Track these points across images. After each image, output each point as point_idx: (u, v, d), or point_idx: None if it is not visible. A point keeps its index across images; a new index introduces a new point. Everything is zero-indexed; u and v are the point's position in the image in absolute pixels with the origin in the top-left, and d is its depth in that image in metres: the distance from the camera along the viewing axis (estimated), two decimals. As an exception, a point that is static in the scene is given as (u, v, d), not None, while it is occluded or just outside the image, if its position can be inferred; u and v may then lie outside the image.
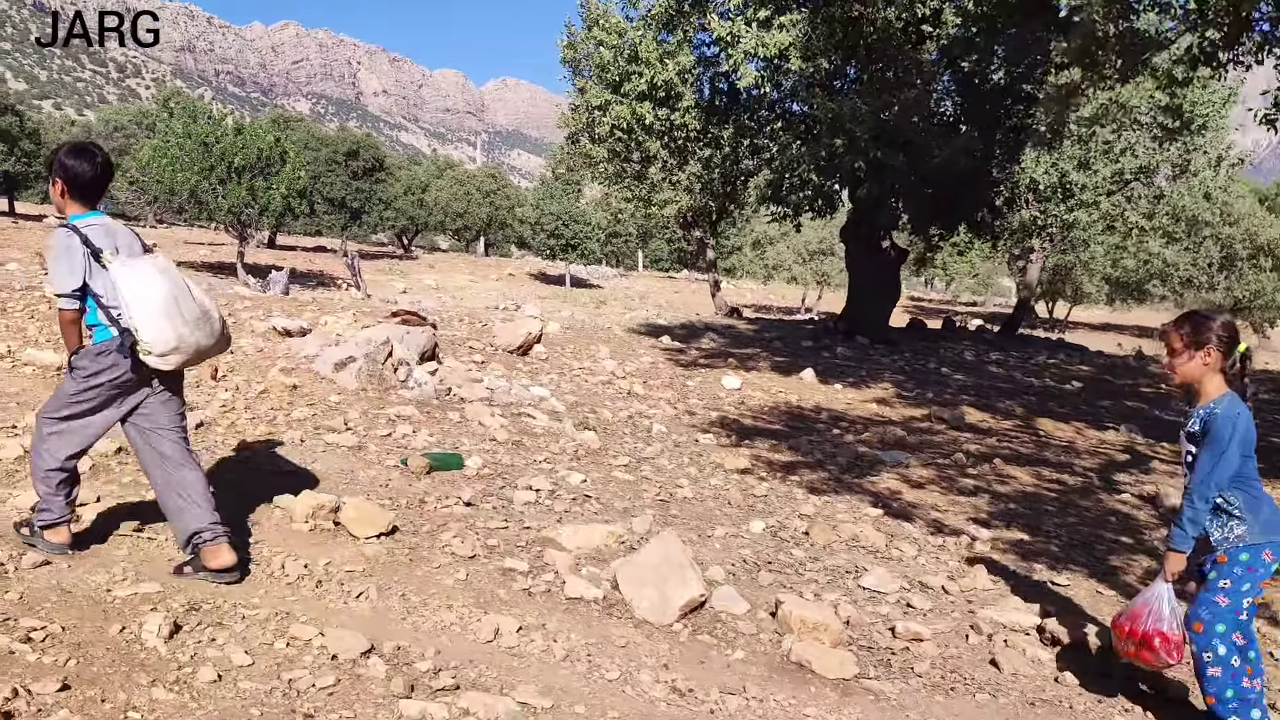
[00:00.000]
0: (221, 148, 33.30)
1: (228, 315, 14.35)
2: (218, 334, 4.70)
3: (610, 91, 19.48)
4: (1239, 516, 3.86)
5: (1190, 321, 3.93)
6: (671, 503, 6.80)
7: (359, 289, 34.47)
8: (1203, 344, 3.86)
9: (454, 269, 49.66)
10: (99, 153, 4.65)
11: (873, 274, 19.00)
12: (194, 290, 4.60)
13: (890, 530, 6.58)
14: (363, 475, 6.58)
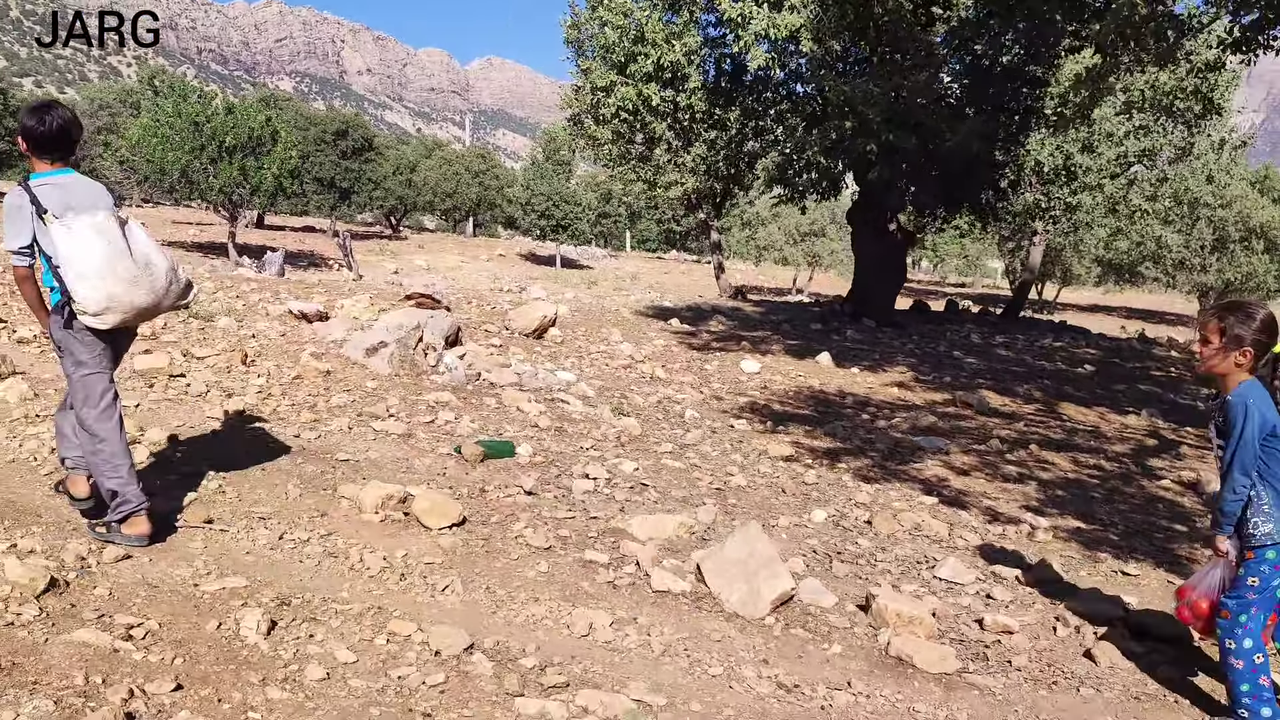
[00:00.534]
0: (212, 127, 32.97)
1: (235, 297, 14.26)
2: (161, 290, 4.63)
3: (616, 72, 19.33)
4: (1267, 513, 3.82)
5: (1234, 316, 3.82)
6: (727, 491, 6.76)
7: (351, 269, 34.25)
8: (1240, 345, 3.80)
9: (444, 249, 49.38)
10: (54, 109, 4.62)
11: (879, 256, 18.95)
12: (136, 248, 4.54)
13: (948, 519, 6.56)
14: (418, 464, 6.50)
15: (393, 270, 42.25)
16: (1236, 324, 3.79)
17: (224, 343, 10.08)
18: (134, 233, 4.61)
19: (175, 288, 4.71)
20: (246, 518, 5.23)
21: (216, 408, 7.26)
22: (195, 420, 6.90)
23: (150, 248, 4.62)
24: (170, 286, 4.68)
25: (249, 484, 5.72)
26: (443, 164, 54.28)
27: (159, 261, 4.61)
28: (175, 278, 4.69)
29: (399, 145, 62.19)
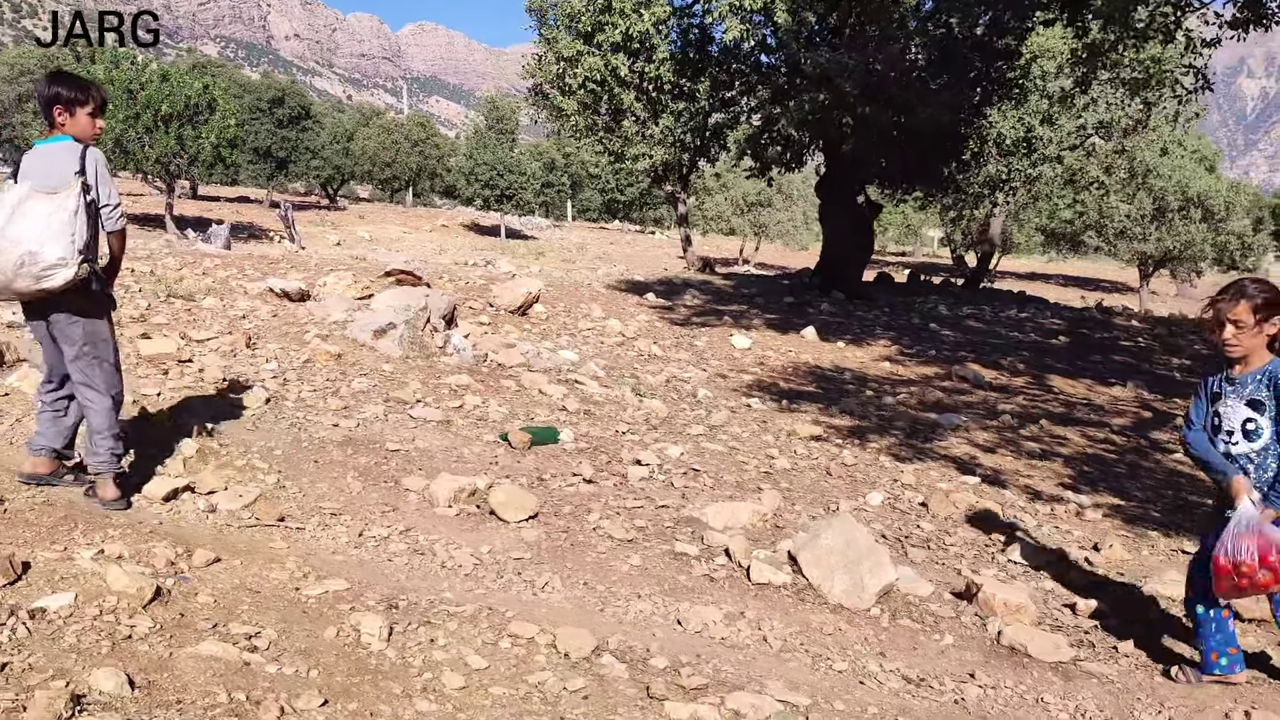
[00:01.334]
0: (147, 95, 32.01)
1: (201, 274, 13.89)
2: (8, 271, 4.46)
3: (582, 42, 19.08)
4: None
5: (1262, 293, 3.84)
6: (776, 475, 6.72)
7: (293, 241, 33.67)
8: (1270, 315, 3.82)
9: (385, 220, 48.65)
10: (46, 80, 4.78)
11: (848, 229, 19.01)
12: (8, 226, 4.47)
13: (996, 499, 6.60)
14: (467, 452, 6.37)
15: (335, 242, 41.56)
16: (1265, 298, 3.82)
17: (217, 324, 9.82)
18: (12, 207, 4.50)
19: (27, 270, 4.47)
20: (317, 514, 5.08)
21: (240, 395, 7.05)
22: (224, 409, 6.68)
23: (20, 230, 4.45)
24: (20, 269, 4.46)
25: (306, 478, 5.56)
26: (381, 133, 53.35)
27: (22, 245, 4.44)
28: (31, 261, 4.45)
29: (335, 113, 60.98)
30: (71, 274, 4.54)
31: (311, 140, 49.05)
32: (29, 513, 4.58)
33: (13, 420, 6.03)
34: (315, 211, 48.34)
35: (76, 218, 4.56)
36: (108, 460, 4.83)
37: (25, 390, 6.62)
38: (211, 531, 4.75)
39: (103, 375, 4.83)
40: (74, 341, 4.80)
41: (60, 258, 4.52)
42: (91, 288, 4.71)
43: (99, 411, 4.85)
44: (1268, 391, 3.85)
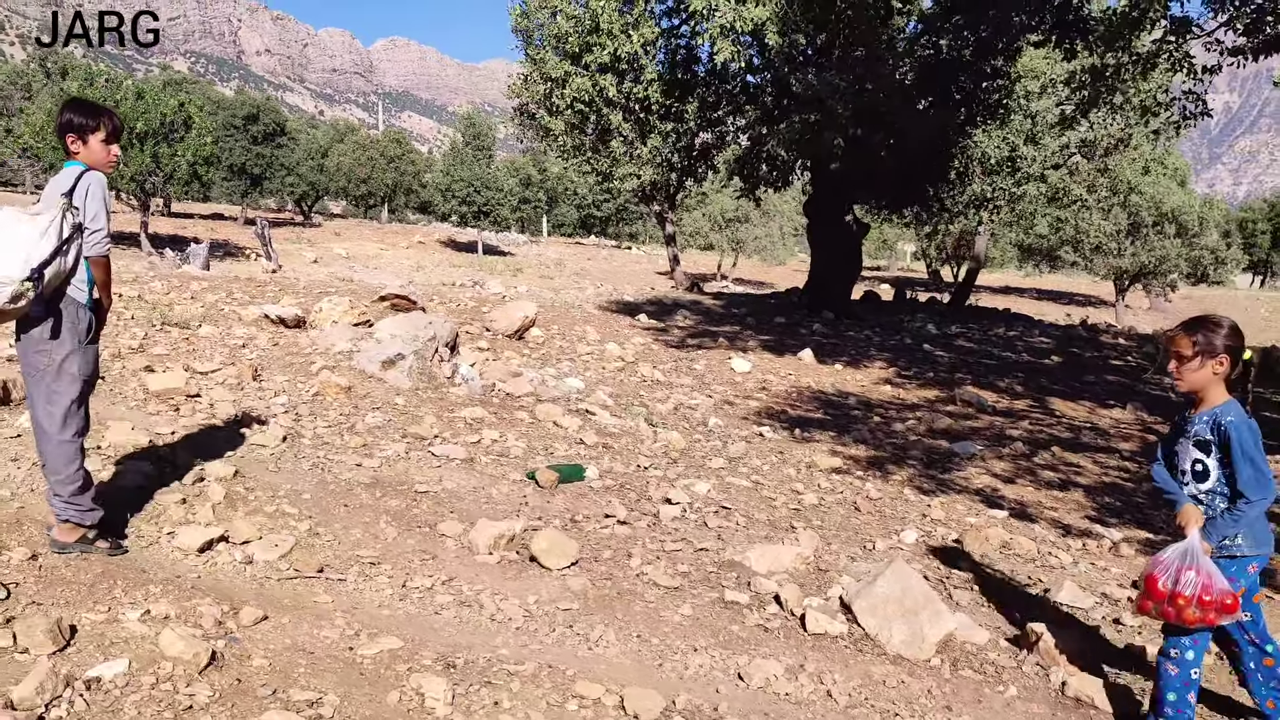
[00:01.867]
0: (122, 113, 31.64)
1: (190, 299, 13.71)
2: None
3: (570, 63, 19.04)
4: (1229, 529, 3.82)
5: (1202, 328, 3.82)
6: (805, 511, 6.65)
7: (270, 259, 33.44)
8: (1215, 353, 3.78)
9: (361, 237, 48.38)
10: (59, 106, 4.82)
11: (837, 249, 19.05)
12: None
13: (1028, 534, 6.54)
14: (495, 492, 6.26)
15: (312, 259, 41.30)
16: (1206, 334, 3.79)
17: (219, 355, 9.67)
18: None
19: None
20: (356, 563, 4.96)
21: (255, 432, 6.91)
22: (242, 448, 6.55)
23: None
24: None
25: (339, 523, 5.43)
26: (357, 149, 53.09)
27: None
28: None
29: (309, 130, 60.64)
30: (11, 291, 4.39)
31: (286, 157, 48.74)
32: (65, 569, 4.44)
33: (29, 464, 5.86)
34: (290, 228, 48.03)
35: (43, 238, 4.43)
36: (63, 509, 4.65)
37: (37, 431, 6.46)
38: (253, 585, 4.62)
39: (58, 411, 4.64)
40: (28, 369, 4.68)
41: (8, 275, 4.37)
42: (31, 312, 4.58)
43: (49, 451, 4.67)
44: (1212, 435, 3.81)
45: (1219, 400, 3.83)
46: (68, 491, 4.68)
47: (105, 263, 4.75)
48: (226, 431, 6.89)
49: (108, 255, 4.76)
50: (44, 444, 4.70)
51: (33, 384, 4.70)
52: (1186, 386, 3.89)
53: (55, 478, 4.68)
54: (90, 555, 4.67)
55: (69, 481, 4.69)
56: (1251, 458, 3.70)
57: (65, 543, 4.67)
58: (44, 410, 4.67)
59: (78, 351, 4.71)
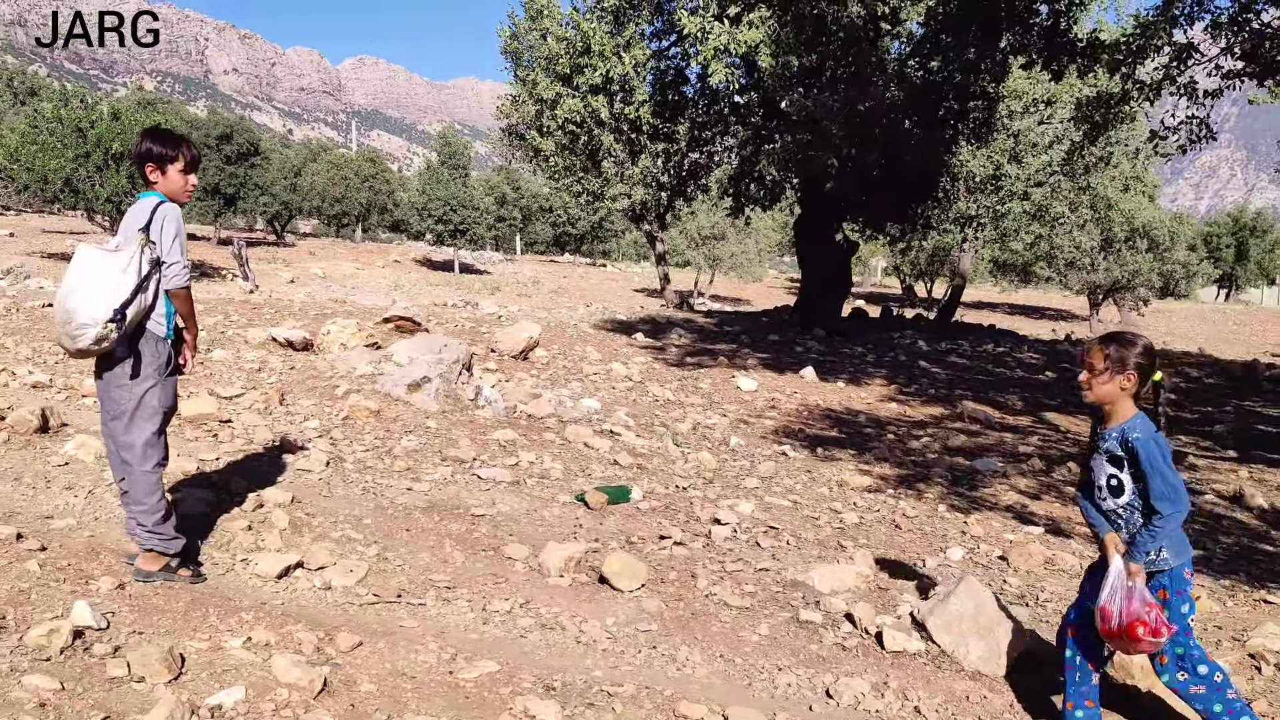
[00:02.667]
0: (97, 133, 31.52)
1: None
2: (63, 335, 4.53)
3: (562, 84, 19.19)
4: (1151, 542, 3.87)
5: (1116, 343, 3.92)
6: (849, 530, 6.76)
7: (246, 279, 33.28)
8: (1124, 369, 3.86)
9: (336, 256, 48.23)
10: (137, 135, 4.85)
11: (827, 267, 19.26)
12: (64, 282, 4.52)
13: (1063, 549, 6.68)
14: (548, 515, 6.34)
15: (288, 279, 41.13)
16: (1119, 349, 3.88)
17: (239, 379, 9.68)
18: (74, 261, 4.55)
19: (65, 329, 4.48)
20: (432, 588, 5.02)
21: (298, 458, 6.95)
22: (289, 474, 6.59)
23: (69, 286, 4.48)
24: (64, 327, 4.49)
25: (404, 547, 5.49)
26: (331, 168, 52.95)
27: (64, 303, 4.47)
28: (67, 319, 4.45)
29: (281, 149, 60.39)
30: (95, 334, 4.45)
31: (260, 176, 48.52)
32: (154, 597, 4.47)
33: (85, 492, 5.89)
34: (265, 248, 47.82)
35: (124, 275, 4.49)
36: (146, 538, 4.71)
37: (84, 459, 6.48)
38: (337, 611, 4.67)
39: (139, 443, 4.69)
40: (108, 403, 4.74)
41: (92, 317, 4.43)
42: (115, 352, 4.59)
43: (132, 483, 4.73)
44: (1122, 450, 3.88)
45: (1127, 415, 3.90)
46: (151, 521, 4.72)
47: (186, 294, 4.79)
48: (268, 457, 6.92)
49: (188, 287, 4.81)
50: (126, 476, 4.74)
51: (113, 418, 4.74)
52: (1093, 398, 3.96)
53: (138, 508, 4.72)
54: (174, 583, 4.70)
55: (152, 511, 4.73)
56: (1161, 471, 3.76)
57: (150, 571, 4.71)
58: (125, 443, 4.72)
59: (159, 385, 4.76)
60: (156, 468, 4.76)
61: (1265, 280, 65.31)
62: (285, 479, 6.48)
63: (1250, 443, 11.67)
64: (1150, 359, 3.89)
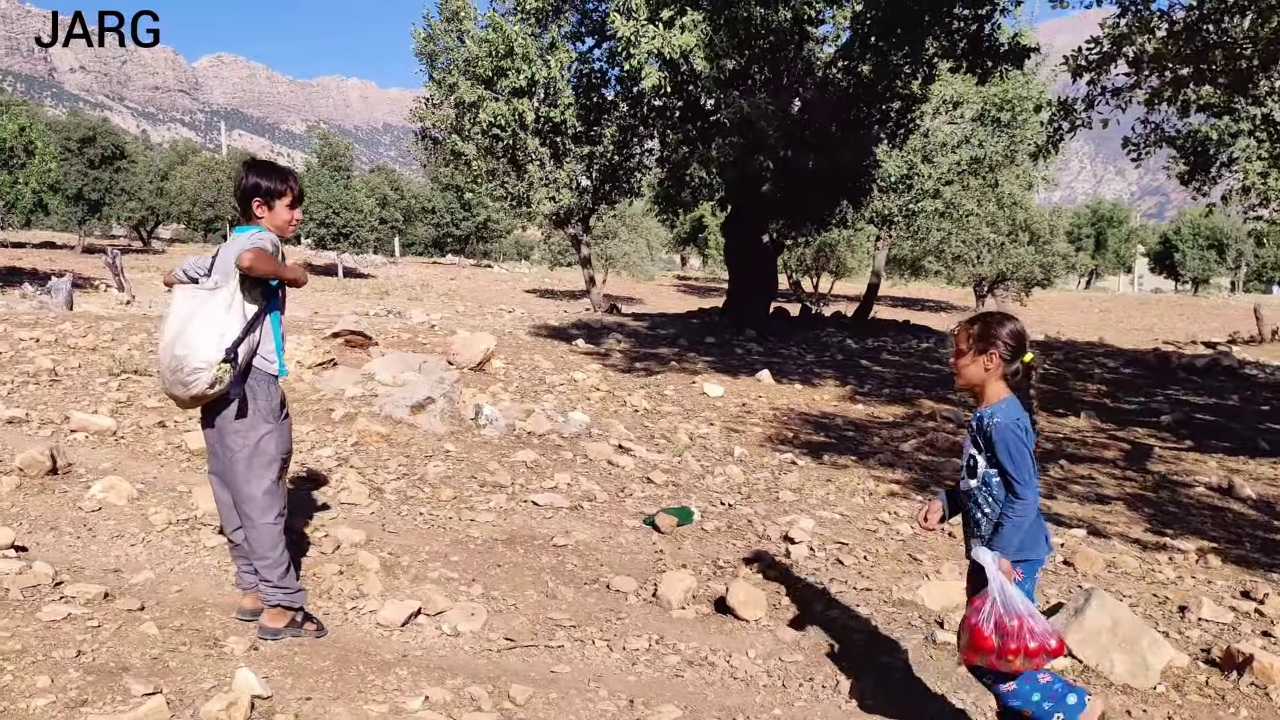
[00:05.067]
0: (-43, 138, 29.79)
1: (111, 340, 13.00)
2: (168, 378, 4.26)
3: (483, 87, 18.84)
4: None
5: (980, 323, 3.85)
6: (911, 542, 6.76)
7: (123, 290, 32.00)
8: (987, 348, 3.75)
9: (212, 263, 46.50)
10: (240, 168, 4.58)
11: (755, 268, 19.42)
12: (166, 327, 4.28)
13: (1112, 551, 6.81)
14: (624, 541, 6.19)
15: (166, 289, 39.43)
16: (983, 328, 3.79)
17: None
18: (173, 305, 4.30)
19: (179, 375, 4.19)
20: (559, 628, 4.86)
21: (333, 489, 6.65)
22: (335, 509, 6.31)
23: (172, 332, 4.22)
24: (173, 374, 4.21)
25: (507, 584, 5.28)
26: (201, 171, 50.98)
27: (171, 349, 4.20)
28: (177, 365, 4.18)
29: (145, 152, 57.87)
30: (209, 378, 4.17)
31: (127, 181, 46.40)
32: (295, 657, 4.19)
33: (139, 540, 5.52)
34: (133, 255, 45.77)
35: (229, 313, 4.22)
36: (271, 593, 4.43)
37: (117, 502, 6.09)
38: (483, 660, 4.45)
39: (260, 492, 4.41)
40: (223, 452, 4.45)
41: (204, 360, 4.15)
42: (229, 393, 4.31)
43: (254, 535, 4.43)
44: (978, 432, 3.78)
45: (995, 398, 3.76)
46: (276, 575, 4.43)
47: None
48: (304, 490, 6.59)
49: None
50: (245, 529, 4.43)
51: (230, 467, 4.43)
52: (963, 381, 3.87)
53: (262, 562, 4.42)
54: (302, 639, 4.42)
55: (276, 565, 4.43)
56: (1012, 456, 3.64)
57: (276, 628, 4.41)
58: (246, 495, 4.41)
59: (275, 430, 4.47)
60: (279, 518, 4.47)
61: (1122, 268, 68.61)
62: (336, 514, 6.18)
63: (1199, 432, 12.19)
64: (1018, 340, 3.74)
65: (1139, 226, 73.73)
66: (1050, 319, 47.09)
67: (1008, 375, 3.72)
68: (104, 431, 7.77)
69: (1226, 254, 63.69)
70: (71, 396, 9.41)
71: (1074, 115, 11.54)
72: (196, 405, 4.34)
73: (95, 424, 7.83)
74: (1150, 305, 57.27)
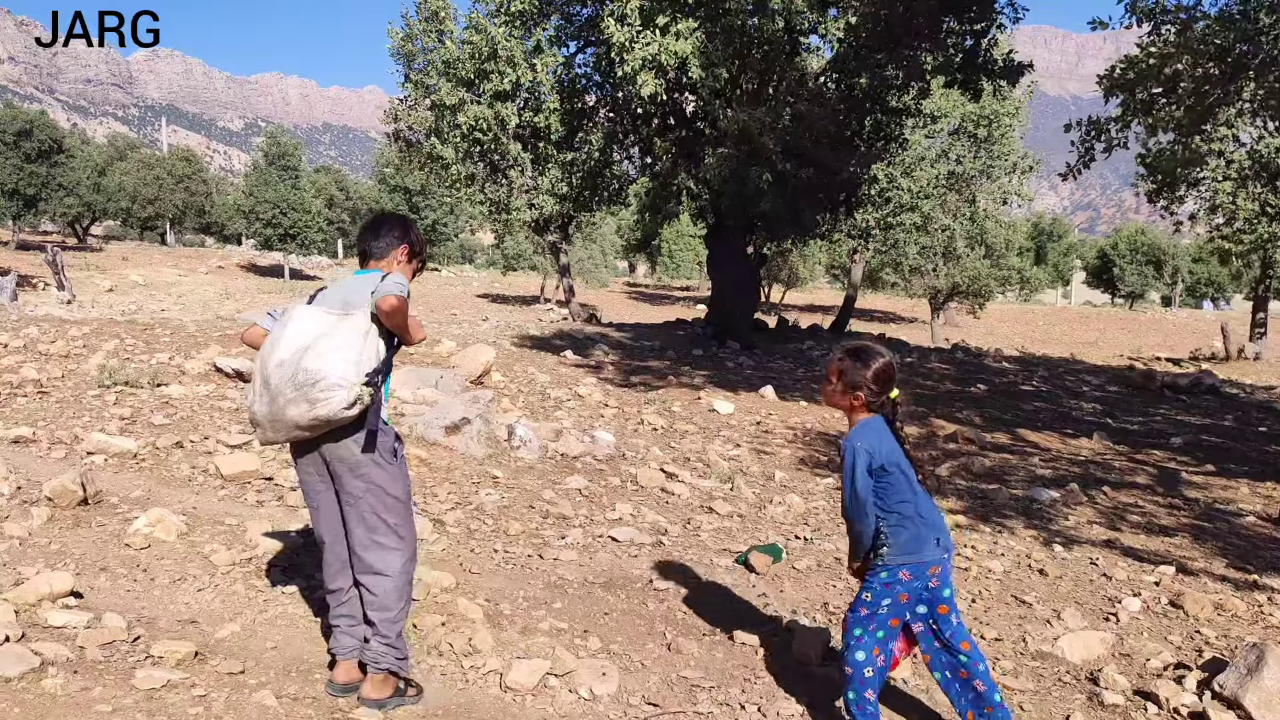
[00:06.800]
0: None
1: (84, 348, 12.33)
2: (279, 401, 3.76)
3: (465, 90, 18.30)
4: (884, 540, 4.02)
5: (851, 362, 3.99)
6: (1010, 582, 6.42)
7: (62, 289, 31.06)
8: (852, 388, 3.97)
9: (153, 262, 45.20)
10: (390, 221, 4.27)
11: (739, 279, 19.09)
12: (274, 352, 3.81)
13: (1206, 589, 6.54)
14: (721, 582, 5.81)
15: (107, 288, 38.38)
16: (852, 370, 3.96)
17: (231, 425, 8.67)
18: (291, 321, 3.87)
19: (302, 391, 3.71)
20: (697, 689, 4.43)
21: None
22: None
23: (298, 345, 3.75)
24: (297, 389, 3.72)
25: (623, 636, 4.86)
26: (142, 168, 49.45)
27: (299, 362, 3.72)
28: (308, 379, 3.71)
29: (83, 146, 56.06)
30: (350, 398, 3.72)
31: (63, 176, 44.82)
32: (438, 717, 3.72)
33: (208, 586, 5.01)
34: (72, 254, 44.30)
35: (366, 341, 3.81)
36: (382, 654, 3.98)
37: (166, 538, 5.58)
38: (635, 730, 4.01)
39: (390, 540, 3.98)
40: (346, 499, 3.97)
41: (343, 378, 3.71)
42: (364, 422, 3.87)
43: (384, 588, 3.98)
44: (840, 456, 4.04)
45: (855, 420, 4.02)
46: (395, 632, 3.96)
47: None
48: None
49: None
50: (372, 580, 3.96)
51: (353, 509, 3.95)
52: (827, 404, 4.15)
53: (384, 615, 3.94)
54: (412, 706, 3.95)
55: (398, 620, 3.99)
56: (850, 479, 3.90)
57: (381, 699, 3.94)
58: (371, 542, 3.94)
59: (400, 468, 4.02)
60: (409, 563, 4.04)
61: (1061, 281, 69.64)
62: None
63: (1213, 455, 12.08)
64: (882, 384, 3.95)
65: (1077, 241, 75.02)
66: (998, 331, 47.67)
67: (873, 407, 3.97)
68: (125, 454, 7.19)
69: (1164, 269, 64.99)
70: (70, 412, 8.79)
71: (1108, 135, 11.40)
72: (310, 431, 3.80)
73: (115, 445, 7.24)
74: (1091, 319, 58.33)
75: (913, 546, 3.97)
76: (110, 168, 49.84)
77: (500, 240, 45.25)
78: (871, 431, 3.91)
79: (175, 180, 49.45)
